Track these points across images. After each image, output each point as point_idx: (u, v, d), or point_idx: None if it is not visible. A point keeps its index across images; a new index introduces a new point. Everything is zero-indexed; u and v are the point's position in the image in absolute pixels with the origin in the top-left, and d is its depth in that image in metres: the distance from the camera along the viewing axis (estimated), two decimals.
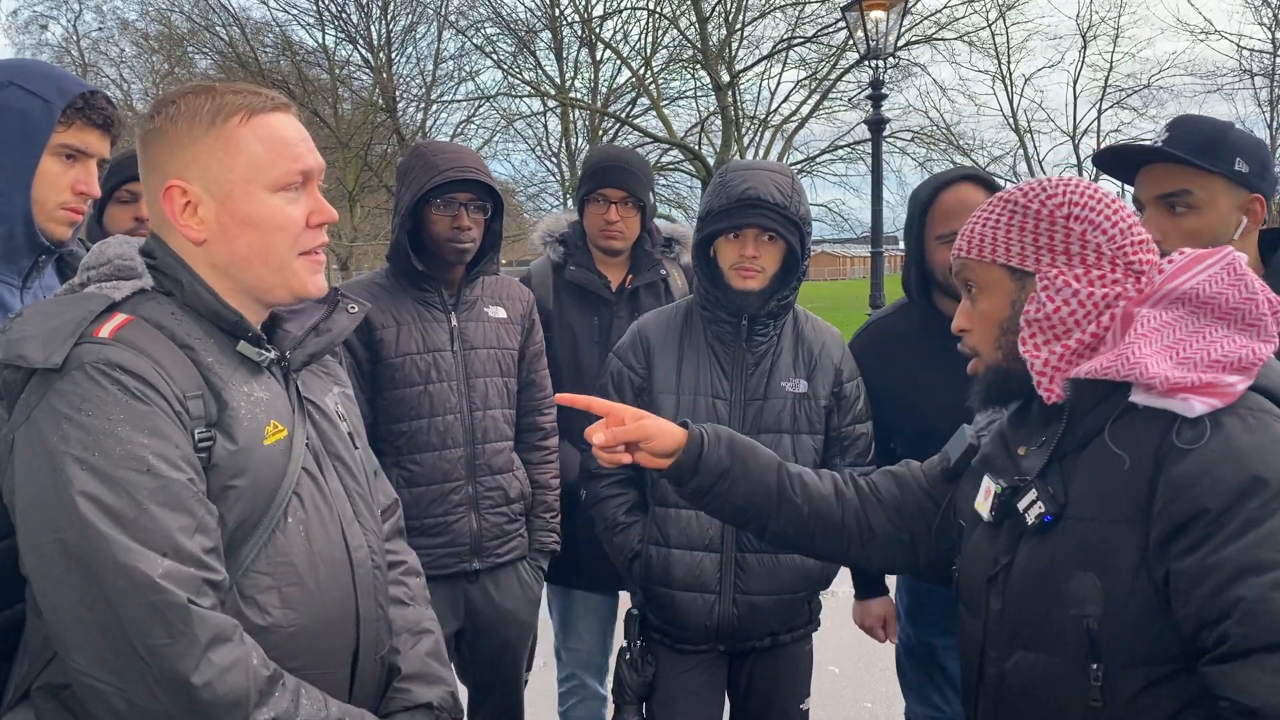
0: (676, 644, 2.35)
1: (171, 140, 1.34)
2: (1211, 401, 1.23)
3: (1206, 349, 1.26)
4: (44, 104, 1.68)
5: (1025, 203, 1.40)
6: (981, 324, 1.45)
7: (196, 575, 1.20)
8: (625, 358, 2.41)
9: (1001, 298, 1.42)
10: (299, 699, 1.27)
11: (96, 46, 23.88)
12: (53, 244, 1.76)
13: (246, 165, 1.33)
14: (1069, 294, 1.35)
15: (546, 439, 2.73)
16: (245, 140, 1.34)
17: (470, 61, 23.32)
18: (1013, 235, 1.40)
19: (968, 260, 1.45)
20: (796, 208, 2.24)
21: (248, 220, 1.34)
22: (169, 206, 1.34)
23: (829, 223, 23.39)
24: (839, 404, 2.39)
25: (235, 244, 1.35)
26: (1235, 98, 26.19)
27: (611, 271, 2.95)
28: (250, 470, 1.30)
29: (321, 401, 1.49)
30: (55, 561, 1.17)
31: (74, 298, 1.30)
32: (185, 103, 1.34)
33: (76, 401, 1.20)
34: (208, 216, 1.34)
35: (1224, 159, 1.90)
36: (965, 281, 1.47)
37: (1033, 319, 1.38)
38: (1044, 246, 1.38)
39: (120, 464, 1.19)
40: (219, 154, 1.33)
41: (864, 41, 10.63)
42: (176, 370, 1.27)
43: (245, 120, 1.34)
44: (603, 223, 2.86)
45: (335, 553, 1.39)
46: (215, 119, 1.33)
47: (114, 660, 1.16)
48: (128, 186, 2.48)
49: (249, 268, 1.36)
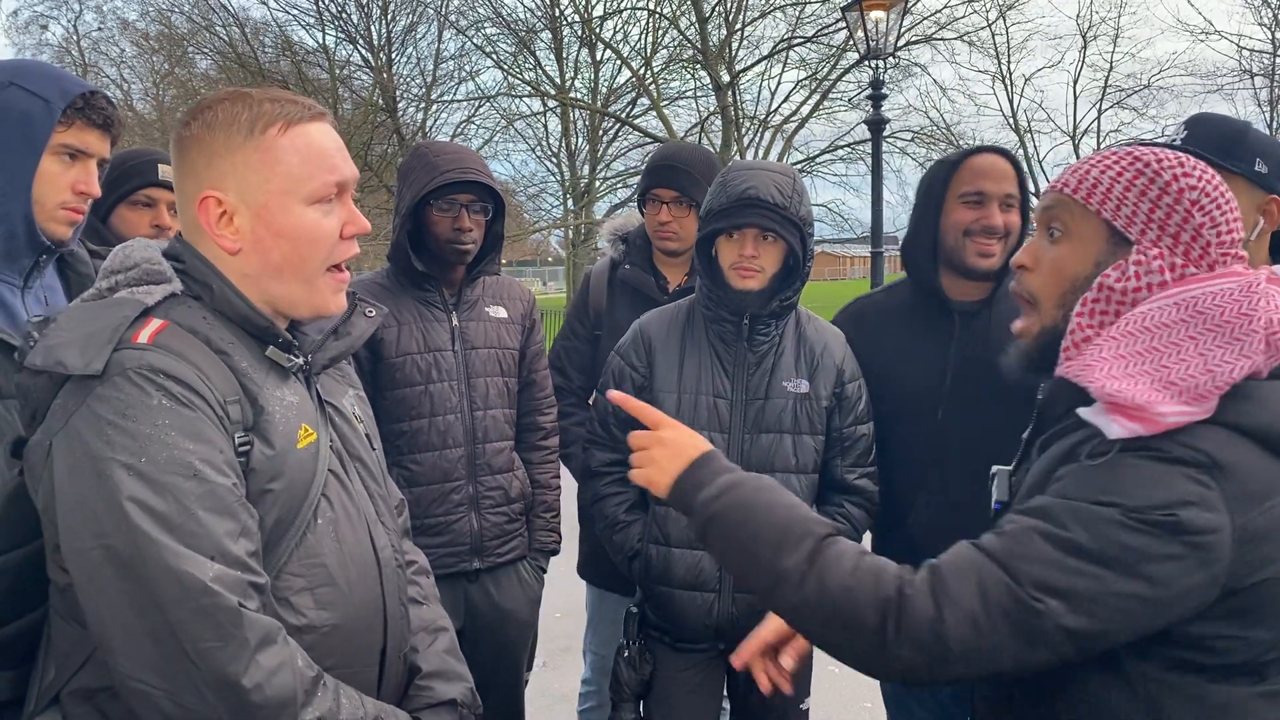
0: (676, 642, 2.36)
1: (209, 148, 1.34)
2: (1133, 427, 1.17)
3: (1171, 366, 1.19)
4: (44, 104, 1.69)
5: (1159, 169, 1.27)
6: (1052, 272, 1.33)
7: (243, 579, 1.21)
8: (627, 356, 2.41)
9: (1086, 252, 1.30)
10: (339, 698, 1.29)
11: (96, 46, 23.90)
12: (53, 244, 1.77)
13: (284, 177, 1.34)
14: (1156, 280, 1.25)
15: (547, 439, 2.73)
16: (283, 152, 1.34)
17: (470, 61, 23.32)
18: (1130, 195, 1.27)
19: (1068, 199, 1.32)
20: (797, 208, 2.24)
21: (283, 232, 1.35)
22: (204, 217, 1.34)
23: (829, 223, 23.36)
24: (840, 404, 2.39)
25: (269, 255, 1.35)
26: (1235, 98, 26.12)
27: (671, 272, 2.92)
28: (285, 474, 1.32)
29: (340, 404, 1.51)
30: (101, 566, 1.18)
31: (106, 303, 1.30)
32: (223, 110, 1.34)
33: (120, 407, 1.20)
34: (243, 227, 1.35)
35: (1245, 160, 1.89)
36: (1050, 220, 1.34)
37: (1108, 285, 1.26)
38: (1157, 221, 1.26)
39: (167, 469, 1.20)
40: (256, 165, 1.33)
41: (864, 41, 10.63)
42: (216, 375, 1.28)
43: (283, 131, 1.34)
44: (656, 224, 2.85)
45: (363, 553, 1.41)
46: (253, 129, 1.33)
47: (164, 664, 1.17)
48: (145, 192, 2.48)
49: (280, 279, 1.36)
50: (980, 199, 2.30)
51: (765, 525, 1.30)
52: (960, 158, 2.38)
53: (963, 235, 2.31)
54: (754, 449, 2.31)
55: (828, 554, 1.24)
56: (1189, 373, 1.17)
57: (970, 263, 2.32)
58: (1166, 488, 1.13)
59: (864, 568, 1.22)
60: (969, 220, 2.30)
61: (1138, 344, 1.22)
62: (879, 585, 1.19)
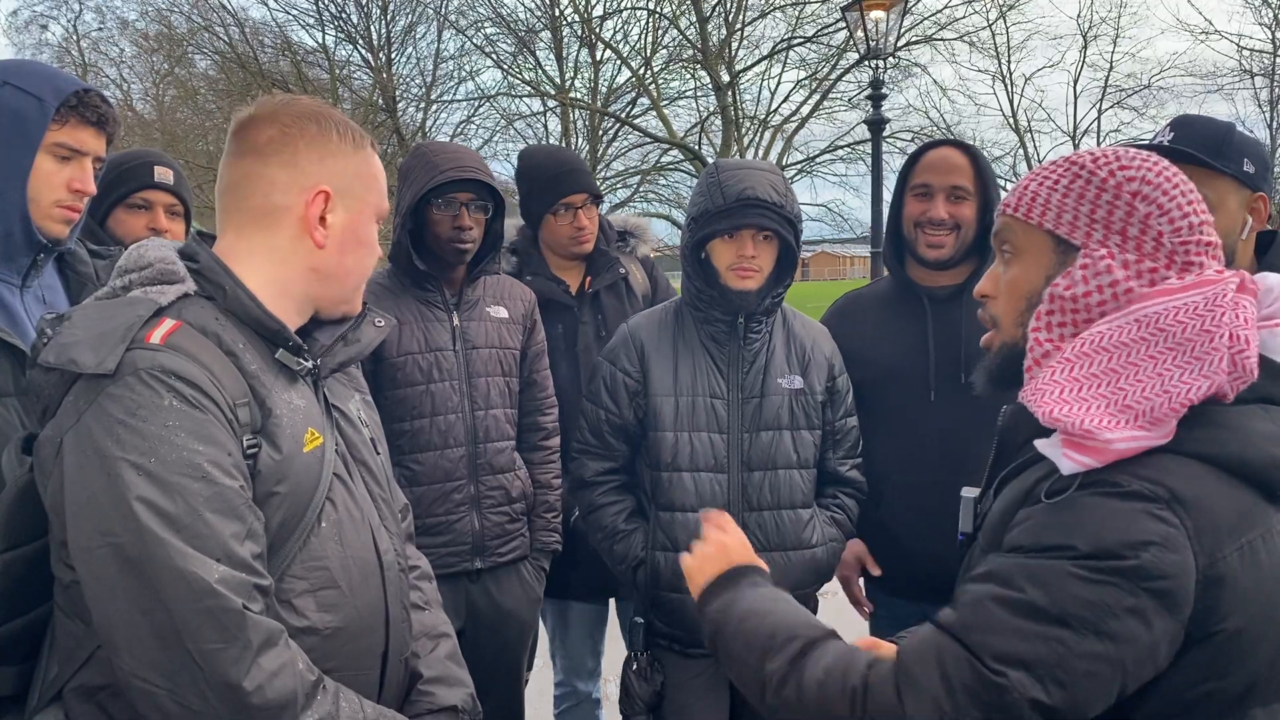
0: (687, 649, 2.34)
1: (321, 148, 1.40)
2: (1085, 460, 1.08)
3: (1127, 389, 1.10)
4: (38, 103, 1.69)
5: (1093, 169, 1.21)
6: (1008, 293, 1.28)
7: (248, 581, 1.22)
8: (618, 361, 2.39)
9: (1037, 268, 1.24)
10: (339, 702, 1.29)
11: (96, 46, 23.85)
12: (50, 242, 1.77)
13: (376, 194, 1.47)
14: (1107, 280, 1.17)
15: (548, 439, 2.73)
16: (377, 171, 1.48)
17: (470, 61, 23.30)
18: (1068, 201, 1.22)
19: (1011, 219, 1.27)
20: (791, 206, 2.25)
21: (363, 241, 1.45)
22: (312, 209, 1.39)
23: (829, 223, 23.39)
24: (832, 398, 2.41)
25: (345, 258, 1.43)
26: (1235, 98, 26.10)
27: (569, 276, 2.92)
28: (291, 477, 1.33)
29: (346, 408, 1.52)
30: (108, 564, 1.19)
31: (119, 302, 1.31)
32: (331, 118, 1.43)
33: (131, 407, 1.21)
34: (335, 226, 1.41)
35: (1234, 160, 1.92)
36: (1003, 244, 1.30)
37: (1058, 295, 1.20)
38: (1099, 220, 1.20)
39: (176, 470, 1.20)
40: (363, 175, 1.44)
41: (864, 41, 10.64)
42: (226, 377, 1.29)
43: (373, 151, 1.47)
44: (573, 230, 2.83)
45: (366, 556, 1.42)
46: (360, 142, 1.45)
47: (167, 663, 1.18)
48: (142, 194, 2.48)
49: (345, 281, 1.45)
50: (927, 191, 2.39)
51: (756, 633, 1.27)
52: (917, 152, 2.47)
53: (914, 227, 2.41)
54: (754, 447, 2.31)
55: (811, 655, 1.19)
56: (1144, 394, 1.09)
57: (921, 253, 2.41)
58: (1124, 528, 1.03)
59: (837, 663, 1.16)
60: (918, 212, 2.40)
61: (1094, 365, 1.13)
62: (846, 677, 1.14)
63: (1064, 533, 1.06)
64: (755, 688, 1.24)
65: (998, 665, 1.03)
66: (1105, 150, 1.24)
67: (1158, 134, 2.07)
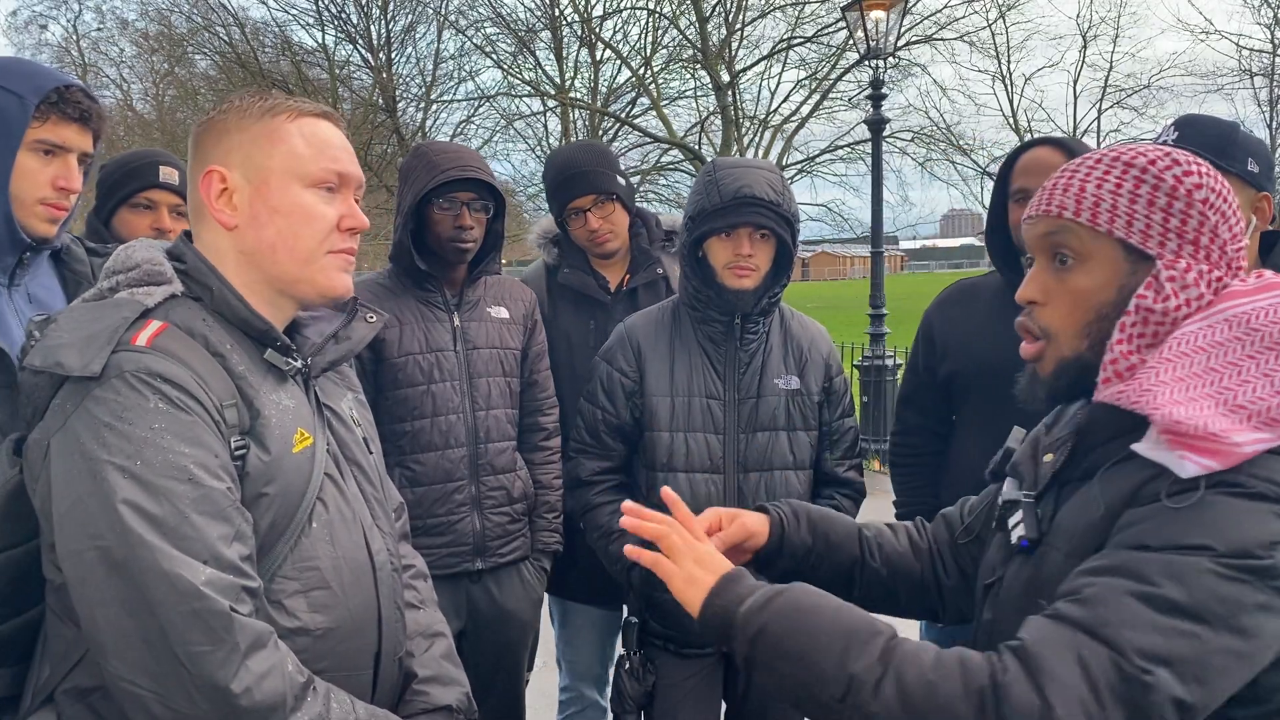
0: (681, 649, 2.34)
1: (219, 130, 1.38)
2: (1207, 463, 1.06)
3: (1235, 388, 1.08)
4: (18, 100, 1.68)
5: (1157, 173, 1.17)
6: (1071, 304, 1.21)
7: (236, 583, 1.22)
8: (615, 361, 2.38)
9: (1108, 278, 1.19)
10: (329, 703, 1.28)
11: (96, 46, 23.84)
12: (36, 241, 1.76)
13: (286, 155, 1.37)
14: (1195, 294, 1.14)
15: (549, 439, 2.73)
16: (289, 134, 1.38)
17: (470, 61, 23.35)
18: (1137, 208, 1.17)
19: (1072, 224, 1.20)
20: (789, 205, 2.24)
21: (278, 209, 1.36)
22: (205, 190, 1.36)
23: (829, 223, 23.33)
24: (829, 399, 2.40)
25: (264, 231, 1.37)
26: (1235, 98, 26.21)
27: (610, 271, 2.90)
28: (280, 478, 1.32)
29: (338, 407, 1.51)
30: (95, 568, 1.18)
31: (106, 304, 1.31)
32: (240, 100, 1.39)
33: (117, 410, 1.21)
34: (241, 203, 1.37)
35: (1239, 159, 1.92)
36: (1057, 247, 1.22)
37: (1145, 307, 1.15)
38: (1173, 230, 1.16)
39: (162, 473, 1.20)
40: (262, 143, 1.37)
41: (864, 41, 10.61)
42: (213, 379, 1.29)
43: (292, 118, 1.38)
44: (586, 234, 2.81)
45: (358, 556, 1.41)
46: (265, 114, 1.38)
47: (154, 666, 1.17)
48: (146, 194, 2.48)
49: (275, 257, 1.37)
50: (1024, 196, 2.28)
51: (825, 629, 1.14)
52: (1014, 154, 2.37)
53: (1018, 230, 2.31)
54: (750, 448, 2.31)
55: (902, 650, 1.10)
56: (1257, 394, 1.08)
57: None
58: (1256, 528, 1.03)
59: (946, 660, 1.08)
60: (1016, 219, 2.30)
61: (1194, 365, 1.12)
62: (968, 676, 1.05)
63: (1201, 532, 1.04)
64: (835, 690, 1.11)
65: (1145, 663, 1.00)
66: (1155, 151, 1.20)
67: (1162, 133, 2.06)
